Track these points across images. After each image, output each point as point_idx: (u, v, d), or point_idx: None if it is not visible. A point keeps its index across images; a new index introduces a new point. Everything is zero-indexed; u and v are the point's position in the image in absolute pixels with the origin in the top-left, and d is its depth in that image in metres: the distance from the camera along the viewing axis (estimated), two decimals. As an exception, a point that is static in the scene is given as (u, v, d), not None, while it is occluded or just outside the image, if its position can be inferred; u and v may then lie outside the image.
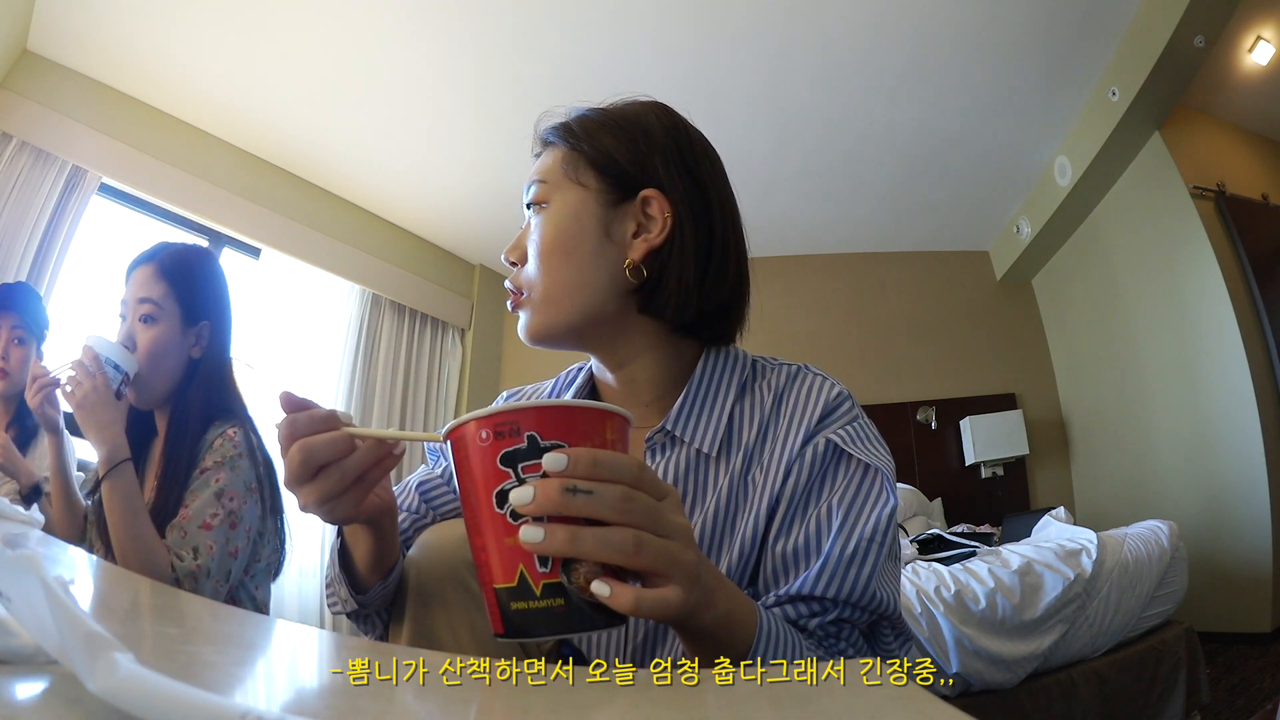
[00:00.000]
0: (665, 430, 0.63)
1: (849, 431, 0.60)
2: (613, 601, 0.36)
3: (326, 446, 0.43)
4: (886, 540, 0.57)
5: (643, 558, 0.36)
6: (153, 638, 0.37)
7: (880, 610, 0.56)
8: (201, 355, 1.16)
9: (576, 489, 0.35)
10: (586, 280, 0.62)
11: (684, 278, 0.62)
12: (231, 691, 0.28)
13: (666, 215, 0.63)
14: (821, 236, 4.03)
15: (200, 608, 0.52)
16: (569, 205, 0.63)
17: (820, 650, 0.54)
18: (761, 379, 0.66)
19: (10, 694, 0.21)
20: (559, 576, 0.36)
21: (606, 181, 0.63)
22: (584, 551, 0.35)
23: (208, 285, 1.20)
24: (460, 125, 3.00)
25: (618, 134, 0.65)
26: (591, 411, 0.38)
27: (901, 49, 2.73)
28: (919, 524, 3.15)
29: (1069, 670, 1.81)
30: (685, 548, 0.39)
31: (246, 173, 3.06)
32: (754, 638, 0.46)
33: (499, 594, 0.37)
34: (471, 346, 3.87)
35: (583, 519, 0.36)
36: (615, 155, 0.64)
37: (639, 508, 0.37)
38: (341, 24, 2.50)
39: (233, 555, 1.04)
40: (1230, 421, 2.79)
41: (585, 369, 0.73)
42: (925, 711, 0.24)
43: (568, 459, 0.35)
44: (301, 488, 0.45)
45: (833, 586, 0.54)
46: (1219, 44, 2.63)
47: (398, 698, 0.30)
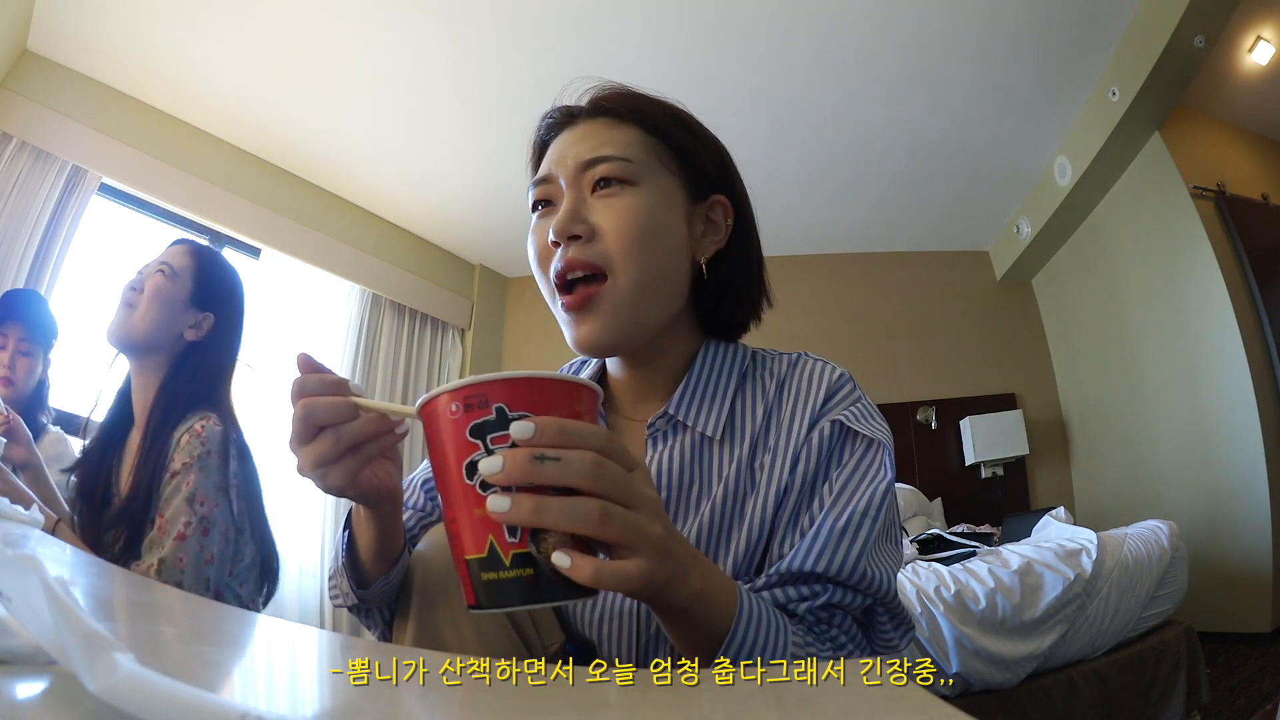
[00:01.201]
0: (668, 415, 0.63)
1: (854, 411, 0.61)
2: (573, 573, 0.35)
3: (328, 409, 0.44)
4: (880, 515, 0.55)
5: (609, 529, 0.36)
6: (153, 638, 0.37)
7: (874, 592, 0.54)
8: (195, 341, 1.16)
9: (545, 456, 0.35)
10: (676, 270, 0.62)
11: (741, 283, 0.66)
12: (231, 691, 0.28)
13: (730, 221, 0.65)
14: (821, 236, 4.03)
15: (200, 608, 0.52)
16: (662, 191, 0.61)
17: (810, 636, 0.52)
18: (763, 368, 0.66)
19: (10, 694, 0.21)
20: (528, 546, 0.36)
21: (690, 177, 0.63)
22: (549, 521, 0.35)
23: (228, 286, 1.24)
24: (460, 125, 3.00)
25: (693, 132, 0.65)
26: (559, 383, 0.38)
27: (901, 49, 2.73)
28: (919, 524, 3.15)
29: (1069, 670, 1.81)
30: (653, 520, 0.38)
31: (246, 173, 3.06)
32: (733, 617, 0.45)
33: (470, 565, 0.37)
34: (471, 346, 3.87)
35: (552, 490, 0.36)
36: (697, 153, 0.64)
37: (609, 476, 0.36)
38: (342, 24, 2.50)
39: (209, 563, 1.01)
40: (1230, 421, 2.79)
41: (592, 362, 0.72)
42: (925, 711, 0.24)
43: (535, 427, 0.35)
44: (300, 449, 0.45)
45: (822, 561, 0.53)
46: (1219, 44, 2.63)
47: (398, 698, 0.30)
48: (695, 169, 0.63)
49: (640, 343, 0.62)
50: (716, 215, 0.65)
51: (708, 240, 0.64)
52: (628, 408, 0.68)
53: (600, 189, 0.59)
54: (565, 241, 0.58)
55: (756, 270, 0.68)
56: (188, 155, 2.85)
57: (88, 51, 2.53)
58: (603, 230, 0.58)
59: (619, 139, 0.61)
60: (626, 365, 0.66)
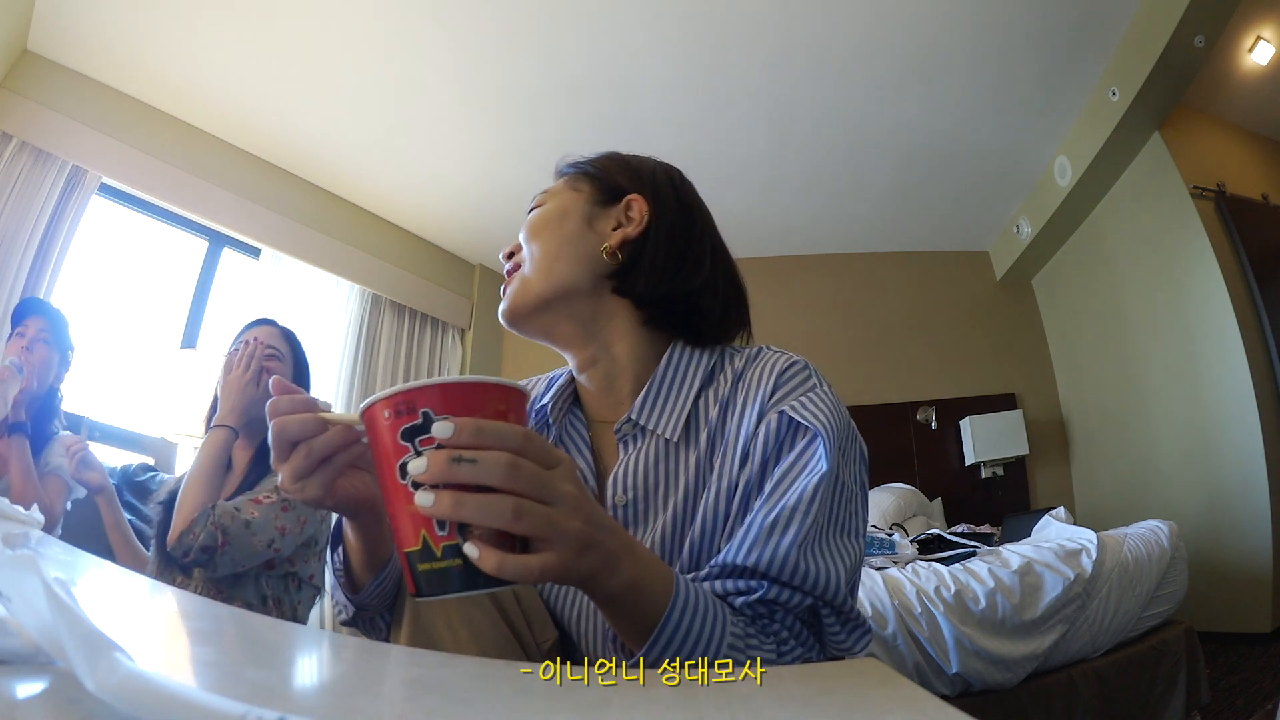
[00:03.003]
0: (631, 420, 0.65)
1: (802, 400, 0.60)
2: (481, 563, 0.38)
3: (297, 425, 0.47)
4: (813, 509, 0.54)
5: (522, 523, 0.38)
6: (153, 638, 0.37)
7: (813, 590, 0.53)
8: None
9: (461, 458, 0.37)
10: (567, 253, 0.69)
11: (655, 260, 0.69)
12: (231, 691, 0.28)
13: (645, 214, 0.71)
14: (821, 236, 4.03)
15: (201, 608, 0.52)
16: (559, 201, 0.73)
17: (752, 629, 0.52)
18: (727, 364, 0.68)
19: (10, 694, 0.21)
20: (456, 538, 0.39)
21: (597, 187, 0.73)
22: (466, 516, 0.37)
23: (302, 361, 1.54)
24: (460, 125, 3.00)
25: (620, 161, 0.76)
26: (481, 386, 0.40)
27: (902, 49, 2.73)
28: (919, 524, 3.15)
29: (1069, 670, 1.80)
30: (569, 515, 0.40)
31: (246, 173, 3.06)
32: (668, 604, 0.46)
33: (409, 557, 0.40)
34: (471, 346, 3.87)
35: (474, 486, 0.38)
36: (611, 171, 0.74)
37: (523, 474, 0.38)
38: (342, 24, 2.50)
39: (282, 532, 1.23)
40: (1230, 421, 2.79)
41: (566, 371, 0.75)
42: (925, 711, 0.24)
43: (454, 428, 0.38)
44: (279, 465, 0.48)
45: (752, 555, 0.53)
46: (1219, 44, 2.62)
47: (398, 698, 0.30)
48: (603, 181, 0.73)
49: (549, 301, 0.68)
50: (633, 211, 0.71)
51: (617, 232, 0.70)
52: (598, 413, 0.71)
53: None
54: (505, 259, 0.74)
55: (696, 252, 0.71)
56: (188, 155, 2.85)
57: (88, 51, 2.53)
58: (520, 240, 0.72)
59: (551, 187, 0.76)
60: (580, 369, 0.71)
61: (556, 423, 0.72)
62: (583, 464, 0.68)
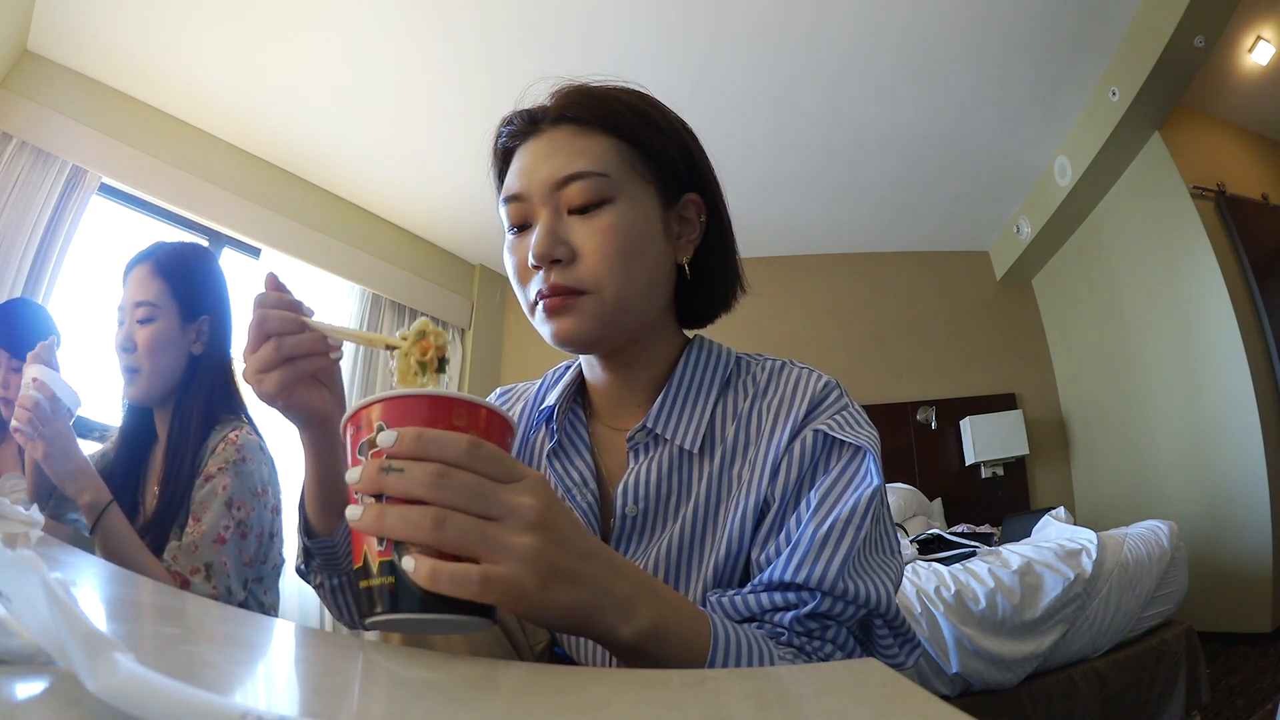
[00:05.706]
0: (646, 428, 0.62)
1: (839, 419, 0.59)
2: (415, 576, 0.34)
3: (277, 320, 0.48)
4: (865, 523, 0.53)
5: (444, 534, 0.34)
6: (153, 638, 0.37)
7: (864, 603, 0.52)
8: (202, 351, 1.15)
9: (390, 468, 0.35)
10: (657, 282, 0.61)
11: (719, 279, 0.66)
12: (231, 691, 0.28)
13: (702, 218, 0.65)
14: (821, 236, 4.03)
15: (201, 608, 0.52)
16: (638, 205, 0.60)
17: (801, 658, 0.50)
18: (745, 374, 0.65)
19: (10, 694, 0.21)
20: (391, 554, 0.36)
21: (662, 179, 0.62)
22: (388, 528, 0.35)
23: (205, 280, 1.18)
24: (460, 125, 3.00)
25: (659, 128, 0.63)
26: (431, 399, 0.38)
27: (902, 49, 2.73)
28: (919, 524, 3.15)
29: (1069, 670, 1.80)
30: (516, 530, 0.35)
31: (246, 173, 3.06)
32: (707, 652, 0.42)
33: (353, 574, 0.38)
34: (471, 346, 3.87)
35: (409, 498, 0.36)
36: (667, 152, 0.62)
37: (453, 485, 0.35)
38: (342, 24, 2.50)
39: (248, 565, 1.04)
40: (1230, 421, 2.79)
41: (573, 366, 0.71)
42: (925, 711, 0.24)
43: (395, 436, 0.36)
44: (248, 356, 0.49)
45: (803, 570, 0.51)
46: (1219, 44, 2.63)
47: (398, 697, 0.30)
48: (666, 170, 0.62)
49: (619, 344, 0.62)
50: (690, 214, 0.64)
51: (685, 240, 0.64)
52: (609, 416, 0.67)
53: (577, 207, 0.58)
54: (546, 266, 0.57)
55: (732, 258, 0.68)
56: (188, 155, 2.86)
57: (88, 51, 2.53)
58: (583, 251, 0.57)
59: (590, 151, 0.59)
60: (605, 369, 0.65)
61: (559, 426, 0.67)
62: (583, 468, 0.64)
